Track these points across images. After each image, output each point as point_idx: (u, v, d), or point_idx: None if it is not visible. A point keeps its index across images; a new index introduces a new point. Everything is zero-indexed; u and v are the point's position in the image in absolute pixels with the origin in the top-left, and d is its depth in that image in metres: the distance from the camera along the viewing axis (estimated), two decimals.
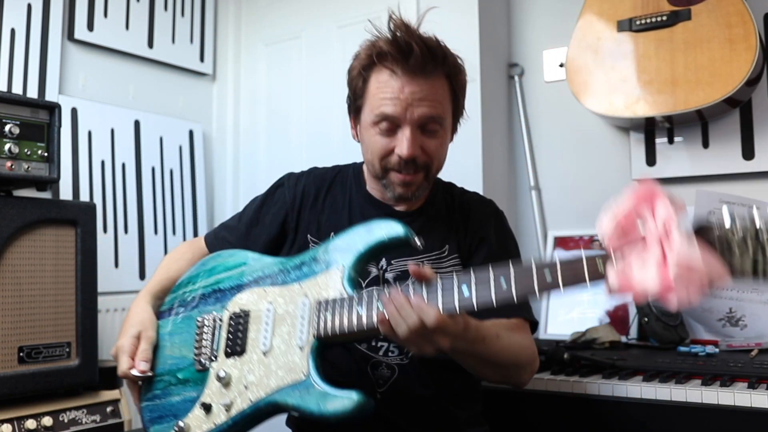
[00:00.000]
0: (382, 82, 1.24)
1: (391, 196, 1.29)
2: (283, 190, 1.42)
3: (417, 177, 1.26)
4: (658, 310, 1.79)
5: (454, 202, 1.38)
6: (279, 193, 1.42)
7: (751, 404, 1.32)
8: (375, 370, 1.25)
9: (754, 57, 1.72)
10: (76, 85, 2.23)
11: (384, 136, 1.24)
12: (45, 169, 1.67)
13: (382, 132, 1.24)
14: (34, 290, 1.64)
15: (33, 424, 1.58)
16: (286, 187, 1.42)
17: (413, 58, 1.19)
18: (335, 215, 1.36)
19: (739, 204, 1.81)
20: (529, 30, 2.32)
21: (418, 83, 1.21)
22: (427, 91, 1.22)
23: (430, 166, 1.27)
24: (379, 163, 1.26)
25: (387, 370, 1.25)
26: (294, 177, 1.44)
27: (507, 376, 1.24)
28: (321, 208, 1.37)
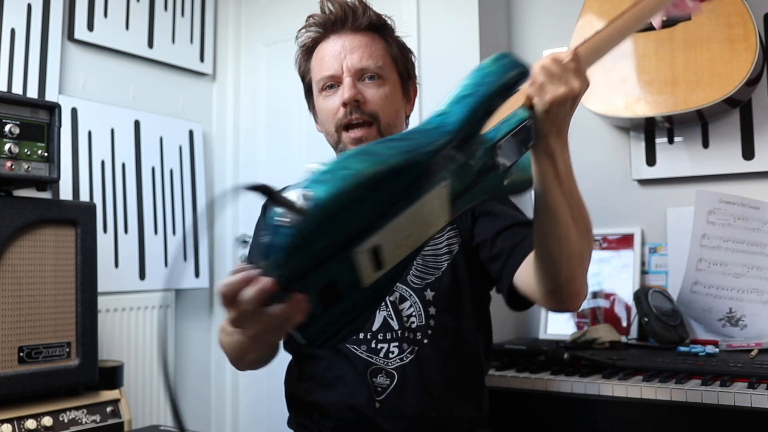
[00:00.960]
0: (320, 51, 1.30)
1: None
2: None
3: (369, 132, 1.24)
4: (658, 310, 1.79)
5: None
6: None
7: (751, 404, 1.32)
8: (374, 377, 1.23)
9: (754, 57, 1.72)
10: (76, 85, 2.23)
11: (330, 98, 1.27)
12: (45, 169, 1.67)
13: (328, 94, 1.27)
14: (34, 290, 1.64)
15: (33, 424, 1.58)
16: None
17: (335, 16, 1.27)
18: None
19: (739, 204, 1.81)
20: (529, 30, 2.32)
21: (347, 38, 1.27)
22: (357, 43, 1.27)
23: (377, 115, 1.25)
24: (333, 127, 1.27)
25: (386, 378, 1.23)
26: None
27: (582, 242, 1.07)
28: None
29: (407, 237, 0.87)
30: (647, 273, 2.02)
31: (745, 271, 1.79)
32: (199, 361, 2.59)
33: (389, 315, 1.25)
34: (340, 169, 0.76)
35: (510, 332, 2.12)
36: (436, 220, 0.91)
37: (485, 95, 0.89)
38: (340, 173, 0.76)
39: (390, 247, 0.85)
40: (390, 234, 0.84)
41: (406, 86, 1.35)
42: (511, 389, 1.58)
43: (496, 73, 0.91)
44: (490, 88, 0.90)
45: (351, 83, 1.24)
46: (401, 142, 0.85)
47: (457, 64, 2.17)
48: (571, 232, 1.03)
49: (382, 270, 0.85)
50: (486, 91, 0.90)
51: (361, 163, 0.78)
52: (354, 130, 1.24)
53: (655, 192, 2.07)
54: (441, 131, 0.87)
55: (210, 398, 2.62)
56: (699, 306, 1.81)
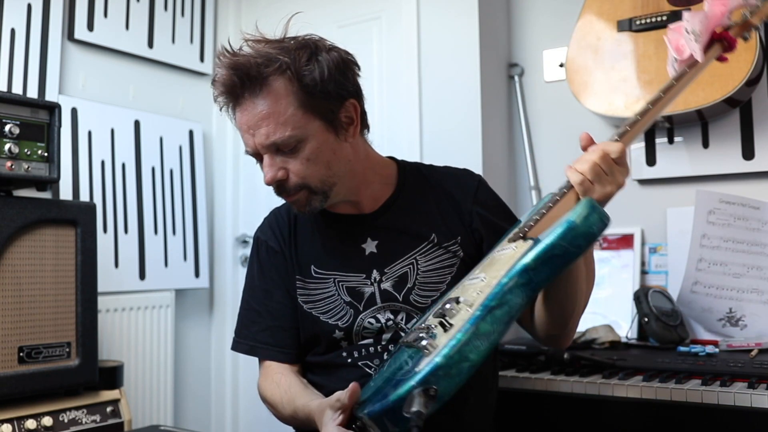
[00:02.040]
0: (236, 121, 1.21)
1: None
2: (266, 245, 1.35)
3: (298, 195, 1.20)
4: (658, 310, 1.79)
5: (428, 182, 1.33)
6: (264, 250, 1.35)
7: (751, 404, 1.32)
8: None
9: (754, 57, 1.72)
10: (76, 85, 2.23)
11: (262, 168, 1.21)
12: (45, 169, 1.67)
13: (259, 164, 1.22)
14: (34, 290, 1.64)
15: (33, 424, 1.58)
16: (266, 239, 1.35)
17: (230, 85, 1.15)
18: (308, 243, 1.32)
19: (739, 204, 1.81)
20: (529, 30, 2.32)
21: (249, 109, 1.15)
22: (259, 115, 1.14)
23: (303, 184, 1.18)
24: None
25: None
26: (265, 228, 1.37)
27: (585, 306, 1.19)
28: (297, 244, 1.33)
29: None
30: (647, 273, 2.02)
31: (745, 271, 1.79)
32: (199, 361, 2.59)
33: (400, 329, 1.25)
34: (459, 362, 0.89)
35: (510, 332, 2.11)
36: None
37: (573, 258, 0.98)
38: (460, 368, 0.89)
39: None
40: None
41: (333, 124, 1.19)
42: (511, 389, 1.58)
43: (584, 236, 0.97)
44: (580, 251, 0.98)
45: (269, 162, 1.17)
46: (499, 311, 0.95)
47: (457, 64, 2.17)
48: (584, 293, 1.15)
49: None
50: (575, 254, 0.98)
51: (475, 351, 0.90)
52: (288, 198, 1.22)
53: (655, 192, 2.07)
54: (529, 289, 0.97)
55: (210, 398, 2.62)
56: (699, 306, 1.81)
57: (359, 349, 1.25)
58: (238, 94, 1.16)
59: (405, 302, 1.24)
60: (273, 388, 1.26)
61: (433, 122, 2.19)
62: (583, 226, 0.96)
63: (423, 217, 1.29)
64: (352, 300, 1.26)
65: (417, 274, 1.25)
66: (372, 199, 1.30)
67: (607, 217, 0.97)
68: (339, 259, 1.28)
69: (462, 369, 0.88)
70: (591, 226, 0.96)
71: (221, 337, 2.62)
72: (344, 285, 1.27)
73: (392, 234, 1.28)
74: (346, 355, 1.26)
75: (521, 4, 2.33)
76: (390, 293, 1.25)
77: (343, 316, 1.26)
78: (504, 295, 0.95)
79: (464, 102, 2.15)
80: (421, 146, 2.20)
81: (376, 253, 1.27)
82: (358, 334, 1.25)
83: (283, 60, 1.14)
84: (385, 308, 1.25)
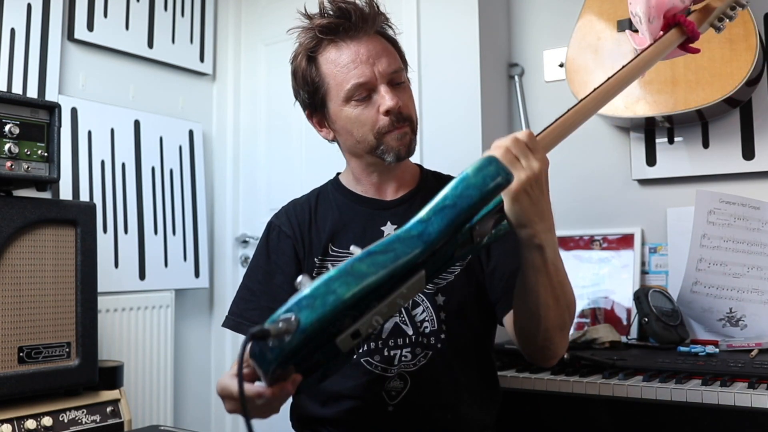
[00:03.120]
0: (335, 59, 1.24)
1: (391, 159, 1.26)
2: (279, 230, 1.35)
3: (408, 128, 1.26)
4: (658, 310, 1.79)
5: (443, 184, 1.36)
6: (275, 234, 1.36)
7: (751, 404, 1.32)
8: (387, 383, 1.23)
9: (754, 57, 1.72)
10: (75, 85, 2.23)
11: (364, 107, 1.23)
12: (45, 169, 1.67)
13: (360, 102, 1.23)
14: (34, 290, 1.64)
15: (33, 424, 1.58)
16: (280, 224, 1.36)
17: (352, 18, 1.22)
18: (329, 224, 1.33)
19: (739, 204, 1.81)
20: (529, 30, 2.32)
21: (368, 42, 1.23)
22: (379, 47, 1.24)
23: (412, 118, 1.27)
24: (372, 133, 1.23)
25: (399, 382, 1.23)
26: (281, 214, 1.38)
27: (562, 317, 1.11)
28: (316, 227, 1.33)
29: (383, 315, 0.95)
30: (647, 273, 2.02)
31: (745, 271, 1.79)
32: (198, 361, 2.59)
33: (402, 320, 1.25)
34: (325, 294, 0.86)
35: None
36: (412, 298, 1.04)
37: (465, 208, 0.94)
38: (325, 299, 0.86)
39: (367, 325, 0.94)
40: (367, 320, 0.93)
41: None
42: (511, 389, 1.58)
43: (477, 186, 0.94)
44: (471, 201, 0.94)
45: (389, 90, 1.22)
46: (382, 256, 0.92)
47: (457, 64, 2.17)
48: (550, 310, 1.08)
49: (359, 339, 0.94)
50: (466, 204, 0.94)
51: (344, 286, 0.88)
52: (401, 128, 1.24)
53: (655, 192, 2.07)
54: (420, 240, 0.93)
55: (210, 398, 2.61)
56: (699, 306, 1.81)
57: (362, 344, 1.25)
58: (353, 24, 1.23)
59: None
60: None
61: (433, 122, 2.19)
62: (475, 178, 0.94)
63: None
64: None
65: None
66: (395, 189, 1.33)
67: (506, 171, 0.95)
68: (358, 238, 1.29)
69: (326, 301, 0.86)
70: (485, 177, 0.94)
71: (221, 337, 2.62)
72: None
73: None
74: None
75: (521, 4, 2.33)
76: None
77: None
78: (391, 243, 0.93)
79: (464, 102, 2.15)
80: (421, 146, 2.20)
81: None
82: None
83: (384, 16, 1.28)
84: None
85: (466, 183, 0.95)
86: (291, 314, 0.86)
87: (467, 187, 0.94)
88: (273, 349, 0.86)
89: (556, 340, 1.12)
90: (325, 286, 0.87)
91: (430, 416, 1.22)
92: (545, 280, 1.04)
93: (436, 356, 1.23)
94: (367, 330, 0.93)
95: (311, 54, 1.27)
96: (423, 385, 1.22)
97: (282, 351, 0.85)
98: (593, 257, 2.08)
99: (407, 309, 1.25)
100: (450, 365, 1.23)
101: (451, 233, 0.94)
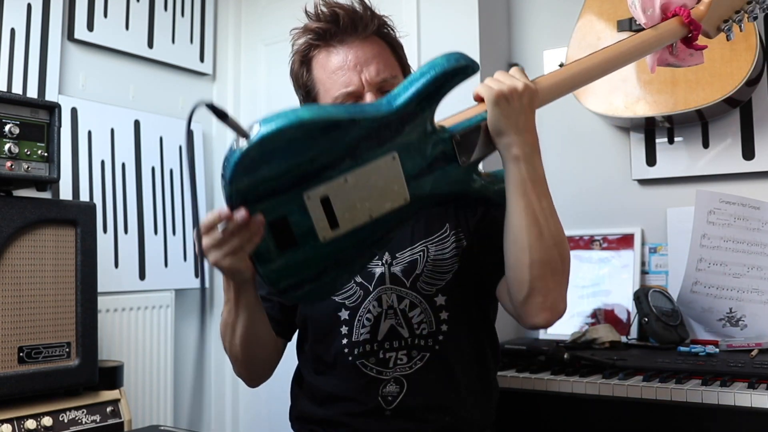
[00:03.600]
0: (324, 65, 1.23)
1: None
2: None
3: None
4: (658, 310, 1.79)
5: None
6: None
7: (751, 404, 1.32)
8: (383, 387, 1.23)
9: (754, 57, 1.72)
10: (75, 85, 2.23)
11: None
12: (45, 169, 1.67)
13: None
14: (34, 290, 1.64)
15: (33, 424, 1.58)
16: None
17: (342, 23, 1.20)
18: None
19: (739, 204, 1.81)
20: (529, 30, 2.32)
21: (359, 47, 1.21)
22: (371, 53, 1.21)
23: None
24: None
25: (395, 386, 1.22)
26: None
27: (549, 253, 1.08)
28: None
29: (361, 201, 1.00)
30: (647, 273, 2.02)
31: (745, 271, 1.79)
32: (198, 361, 2.59)
33: (398, 323, 1.24)
34: (289, 112, 0.94)
35: (510, 332, 2.12)
36: (393, 193, 1.03)
37: (431, 78, 1.02)
38: (287, 114, 0.93)
39: (342, 205, 0.99)
40: (339, 190, 0.98)
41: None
42: (511, 389, 1.58)
43: (443, 63, 1.03)
44: (437, 72, 1.02)
45: (374, 99, 1.19)
46: (350, 107, 1.01)
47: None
48: (536, 240, 1.07)
49: (338, 230, 1.00)
50: (432, 75, 1.02)
51: (307, 110, 0.95)
52: None
53: (655, 192, 2.07)
54: (388, 104, 1.01)
55: (210, 398, 2.62)
56: (699, 306, 1.81)
57: (357, 345, 1.25)
58: (346, 33, 1.21)
59: (412, 288, 1.25)
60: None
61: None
62: (441, 59, 1.04)
63: (438, 209, 1.30)
64: (363, 281, 1.26)
65: (426, 262, 1.26)
66: None
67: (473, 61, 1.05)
68: None
69: (287, 115, 0.93)
70: (450, 59, 1.04)
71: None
72: None
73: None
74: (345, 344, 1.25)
75: (521, 4, 2.33)
76: (399, 278, 1.26)
77: (352, 295, 1.26)
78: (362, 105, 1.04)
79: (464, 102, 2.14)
80: None
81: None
82: (361, 319, 1.25)
83: (384, 18, 1.26)
84: (392, 291, 1.25)
85: (433, 62, 1.04)
86: (255, 123, 0.93)
87: (434, 66, 1.03)
88: (231, 154, 0.92)
89: (547, 284, 1.08)
90: (291, 110, 0.95)
91: (428, 419, 1.22)
92: (526, 201, 1.07)
93: (433, 358, 1.23)
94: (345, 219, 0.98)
95: (303, 58, 1.27)
96: (420, 388, 1.22)
97: (241, 156, 0.91)
98: (593, 257, 2.08)
99: (403, 311, 1.25)
100: (448, 366, 1.23)
101: (418, 104, 1.02)
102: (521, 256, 1.08)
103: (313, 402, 1.29)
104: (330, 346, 1.26)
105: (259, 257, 1.00)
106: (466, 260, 1.27)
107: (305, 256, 1.01)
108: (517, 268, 1.09)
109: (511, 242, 1.09)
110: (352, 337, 1.25)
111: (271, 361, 1.30)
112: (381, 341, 1.24)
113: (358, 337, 1.25)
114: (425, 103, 1.03)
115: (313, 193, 0.96)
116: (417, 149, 1.03)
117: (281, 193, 0.95)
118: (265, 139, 0.92)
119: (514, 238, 1.08)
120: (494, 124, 1.06)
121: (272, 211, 0.96)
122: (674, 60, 1.27)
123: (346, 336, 1.25)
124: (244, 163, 0.91)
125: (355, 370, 1.24)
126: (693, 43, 1.24)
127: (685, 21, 1.20)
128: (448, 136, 1.06)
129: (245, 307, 1.14)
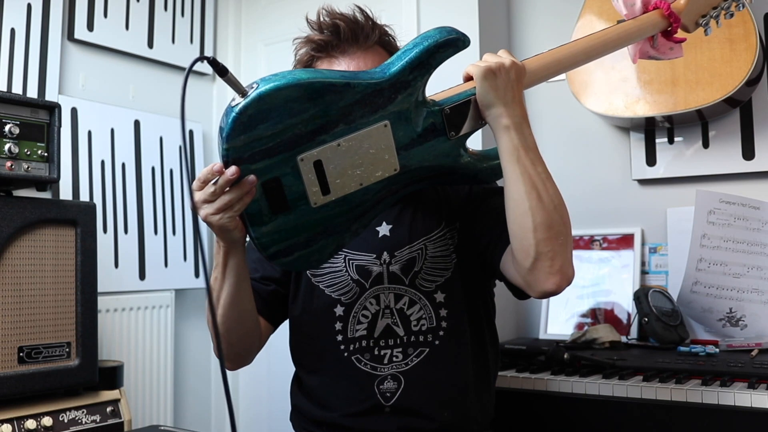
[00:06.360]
0: None
1: None
2: None
3: None
4: (658, 310, 1.79)
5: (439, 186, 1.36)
6: None
7: (751, 404, 1.32)
8: (380, 385, 1.23)
9: (754, 57, 1.72)
10: (75, 85, 2.23)
11: None
12: (45, 169, 1.67)
13: None
14: (34, 290, 1.64)
15: (33, 424, 1.58)
16: None
17: (343, 34, 1.22)
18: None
19: (739, 204, 1.81)
20: (529, 30, 2.32)
21: (360, 58, 1.22)
22: (371, 62, 1.22)
23: None
24: None
25: (393, 383, 1.23)
26: None
27: (551, 217, 1.07)
28: None
29: (352, 167, 1.03)
30: (647, 273, 2.02)
31: (745, 271, 1.79)
32: (199, 361, 2.59)
33: (394, 322, 1.25)
34: (287, 73, 0.97)
35: (510, 332, 2.12)
36: (383, 162, 1.06)
37: (424, 49, 1.05)
38: (285, 75, 0.96)
39: (334, 171, 1.02)
40: (332, 155, 1.01)
41: None
42: (511, 389, 1.58)
43: (435, 35, 1.07)
44: (428, 44, 1.06)
45: None
46: (345, 72, 1.04)
47: (456, 64, 2.17)
48: (537, 203, 1.09)
49: (330, 196, 1.03)
50: (425, 46, 1.06)
51: (304, 73, 0.98)
52: None
53: (655, 192, 2.07)
54: (381, 72, 1.04)
55: (210, 398, 2.62)
56: (699, 306, 1.81)
57: (353, 341, 1.25)
58: (347, 44, 1.23)
59: (411, 285, 1.25)
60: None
61: None
62: (433, 31, 1.07)
63: (435, 206, 1.31)
64: (360, 278, 1.27)
65: (425, 259, 1.27)
66: None
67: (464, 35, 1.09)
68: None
69: (285, 76, 0.96)
70: (441, 32, 1.07)
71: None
72: (354, 263, 1.28)
73: (405, 220, 1.30)
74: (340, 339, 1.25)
75: (521, 4, 2.34)
76: (397, 276, 1.26)
77: (348, 291, 1.27)
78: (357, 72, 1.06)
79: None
80: None
81: (389, 236, 1.29)
82: (357, 315, 1.25)
83: (386, 28, 1.28)
84: (390, 290, 1.26)
85: (426, 34, 1.07)
86: (254, 82, 0.95)
87: (427, 37, 1.07)
88: (230, 110, 0.94)
89: (552, 247, 1.07)
90: (290, 71, 0.98)
91: (428, 415, 1.22)
92: (521, 168, 1.09)
93: (433, 353, 1.23)
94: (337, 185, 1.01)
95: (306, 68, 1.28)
96: (419, 384, 1.22)
97: (240, 112, 0.93)
98: (593, 257, 2.08)
99: (401, 310, 1.25)
100: (448, 362, 1.23)
101: (410, 72, 1.05)
102: (524, 221, 1.08)
103: (314, 403, 1.29)
104: (325, 341, 1.27)
105: (252, 219, 1.03)
106: (464, 254, 1.28)
107: (296, 222, 1.04)
108: (522, 235, 1.09)
109: (512, 210, 1.10)
110: (347, 333, 1.25)
111: (250, 340, 1.26)
112: (377, 338, 1.24)
113: (354, 333, 1.25)
114: (417, 72, 1.06)
115: (307, 155, 0.99)
116: (408, 119, 1.07)
117: (276, 155, 0.98)
118: (263, 97, 0.94)
119: (515, 204, 1.09)
120: (483, 96, 1.09)
121: (266, 172, 0.99)
122: (655, 52, 1.31)
123: (340, 332, 1.26)
124: (241, 119, 0.94)
125: (349, 364, 1.24)
126: (672, 36, 1.28)
127: (665, 13, 1.25)
128: (439, 109, 1.10)
129: (232, 270, 1.17)
